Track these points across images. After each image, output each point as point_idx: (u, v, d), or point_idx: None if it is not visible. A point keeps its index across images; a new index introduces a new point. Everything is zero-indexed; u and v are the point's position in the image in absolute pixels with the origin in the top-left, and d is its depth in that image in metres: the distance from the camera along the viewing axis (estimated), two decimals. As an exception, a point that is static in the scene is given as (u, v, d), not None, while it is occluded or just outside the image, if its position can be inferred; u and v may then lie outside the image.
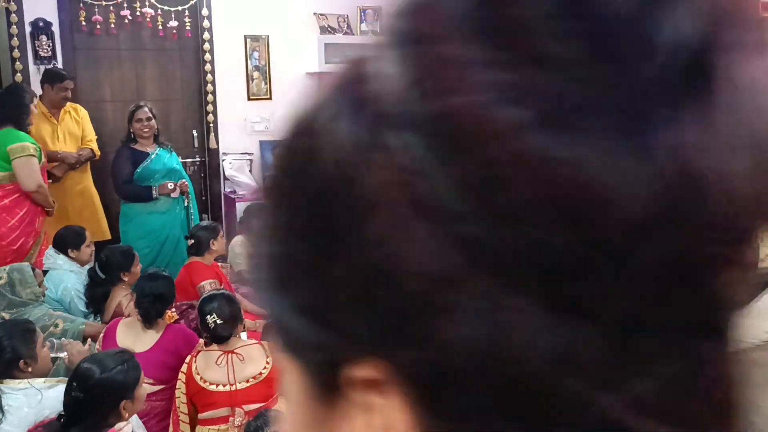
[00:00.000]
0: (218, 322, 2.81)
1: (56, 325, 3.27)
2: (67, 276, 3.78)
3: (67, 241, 3.95)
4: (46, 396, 2.33)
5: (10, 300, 3.20)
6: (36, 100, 4.32)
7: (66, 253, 3.91)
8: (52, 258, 3.92)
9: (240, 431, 2.70)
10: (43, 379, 2.46)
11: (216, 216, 5.57)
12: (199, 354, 2.87)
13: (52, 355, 2.70)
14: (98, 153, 4.84)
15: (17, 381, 2.39)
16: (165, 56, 5.38)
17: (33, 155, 4.09)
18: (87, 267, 4.04)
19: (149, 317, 3.05)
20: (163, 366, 2.99)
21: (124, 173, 4.61)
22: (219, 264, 4.47)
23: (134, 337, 3.04)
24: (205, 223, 4.55)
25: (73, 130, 4.73)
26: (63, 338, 3.03)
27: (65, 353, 2.89)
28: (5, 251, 4.07)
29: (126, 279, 3.68)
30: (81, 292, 3.76)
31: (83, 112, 4.84)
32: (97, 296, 3.70)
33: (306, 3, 5.64)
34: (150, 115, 4.61)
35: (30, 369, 2.47)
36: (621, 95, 0.24)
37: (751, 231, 0.26)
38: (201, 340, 3.27)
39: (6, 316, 3.08)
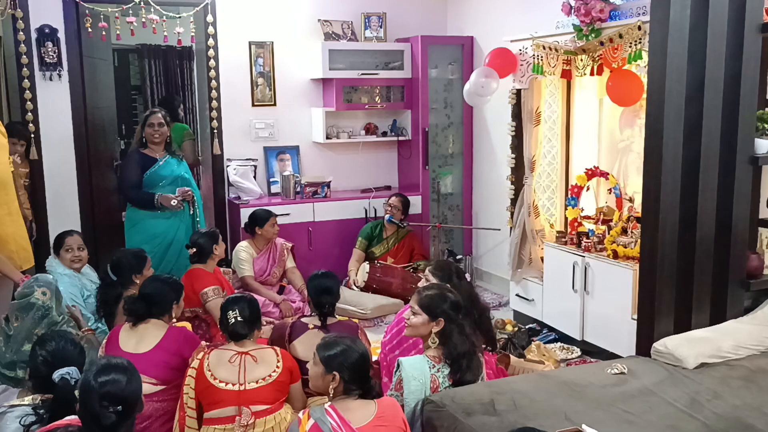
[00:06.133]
0: (238, 318, 2.91)
1: None
2: (60, 280, 3.72)
3: (54, 244, 4.03)
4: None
5: (51, 320, 3.11)
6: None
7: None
8: (49, 261, 4.00)
9: (246, 431, 2.70)
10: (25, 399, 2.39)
11: (220, 222, 5.57)
12: (212, 351, 2.90)
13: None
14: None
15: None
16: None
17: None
18: (86, 271, 4.07)
19: (134, 316, 3.09)
20: (164, 366, 2.99)
21: (131, 177, 4.59)
22: (221, 269, 4.47)
23: (137, 339, 3.05)
24: (203, 230, 4.51)
25: None
26: None
27: None
28: None
29: (138, 282, 3.65)
30: (75, 296, 3.77)
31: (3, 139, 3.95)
32: (108, 299, 3.68)
33: (310, 9, 5.66)
34: (162, 121, 4.60)
35: None
36: None
37: None
38: (203, 342, 3.27)
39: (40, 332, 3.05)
